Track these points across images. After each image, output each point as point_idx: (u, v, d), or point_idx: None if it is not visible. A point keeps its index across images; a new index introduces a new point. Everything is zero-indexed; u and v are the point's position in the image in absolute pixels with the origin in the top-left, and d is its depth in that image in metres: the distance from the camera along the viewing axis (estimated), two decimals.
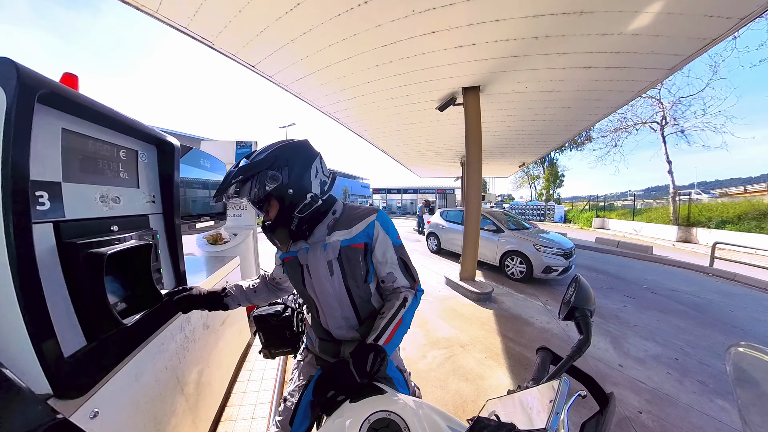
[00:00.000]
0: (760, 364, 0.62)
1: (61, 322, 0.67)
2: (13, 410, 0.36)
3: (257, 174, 0.74)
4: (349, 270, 0.81)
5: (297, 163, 0.78)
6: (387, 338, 0.72)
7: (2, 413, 0.35)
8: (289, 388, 0.92)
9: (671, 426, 1.75)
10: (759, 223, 9.29)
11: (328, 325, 0.87)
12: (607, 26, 2.68)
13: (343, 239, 0.81)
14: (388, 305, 0.80)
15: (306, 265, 0.84)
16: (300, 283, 0.86)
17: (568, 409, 0.45)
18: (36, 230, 0.62)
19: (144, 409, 0.95)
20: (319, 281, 0.82)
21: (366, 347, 0.69)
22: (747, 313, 3.72)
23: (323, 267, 0.81)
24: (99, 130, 0.85)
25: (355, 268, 0.82)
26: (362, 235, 0.82)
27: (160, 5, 2.33)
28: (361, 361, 0.66)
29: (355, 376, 0.64)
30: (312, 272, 0.83)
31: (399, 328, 0.75)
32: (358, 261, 0.82)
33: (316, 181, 0.81)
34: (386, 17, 2.57)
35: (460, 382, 2.14)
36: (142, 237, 0.94)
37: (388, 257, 0.83)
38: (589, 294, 0.67)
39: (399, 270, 0.83)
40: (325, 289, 0.82)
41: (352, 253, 0.81)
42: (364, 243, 0.82)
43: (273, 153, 0.76)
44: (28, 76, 0.59)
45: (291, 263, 0.87)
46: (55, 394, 0.63)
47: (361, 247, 0.82)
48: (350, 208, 0.88)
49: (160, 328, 1.06)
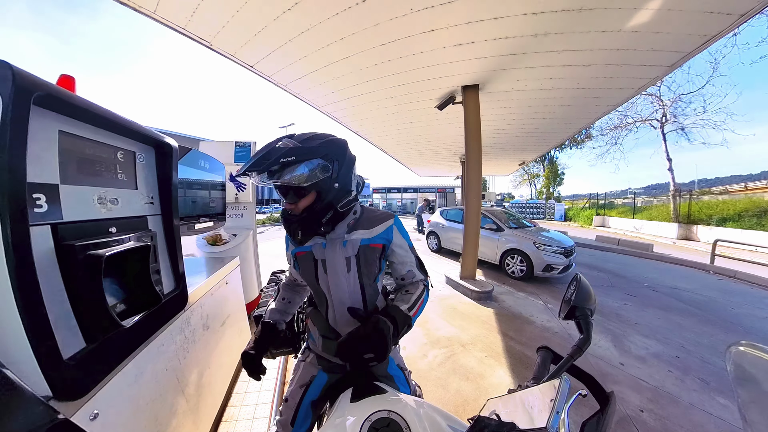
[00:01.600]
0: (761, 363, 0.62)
1: (60, 324, 0.67)
2: (13, 411, 0.36)
3: (310, 160, 0.72)
4: (365, 268, 0.85)
5: (345, 160, 0.79)
6: (414, 311, 0.80)
7: (3, 414, 0.35)
8: (289, 388, 0.92)
9: (672, 424, 1.75)
10: (760, 221, 9.28)
11: (336, 321, 0.87)
12: (607, 23, 2.67)
13: (363, 238, 0.84)
14: (411, 288, 0.87)
15: (322, 260, 0.84)
16: (313, 277, 0.86)
17: (568, 408, 0.45)
18: (34, 232, 0.62)
19: (144, 410, 0.95)
20: (336, 276, 0.83)
21: (401, 314, 0.75)
22: (748, 310, 3.71)
23: (341, 263, 0.83)
24: (96, 131, 0.85)
25: (371, 266, 0.86)
26: (381, 236, 0.87)
27: (157, 6, 2.32)
28: (396, 325, 0.71)
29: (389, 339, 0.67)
30: (329, 267, 0.83)
31: (420, 307, 0.82)
32: (374, 260, 0.86)
33: (354, 181, 0.85)
34: (384, 16, 2.56)
35: (461, 382, 2.14)
36: (140, 238, 0.93)
37: (407, 259, 0.90)
38: (590, 293, 0.67)
39: (416, 267, 0.91)
40: (340, 284, 0.83)
41: (370, 252, 0.85)
42: (382, 244, 0.87)
43: (326, 144, 0.75)
44: (23, 79, 0.58)
45: (304, 258, 0.86)
46: (55, 396, 0.63)
47: (379, 248, 0.86)
48: (369, 210, 0.92)
49: (159, 330, 1.06)
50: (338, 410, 0.70)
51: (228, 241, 2.84)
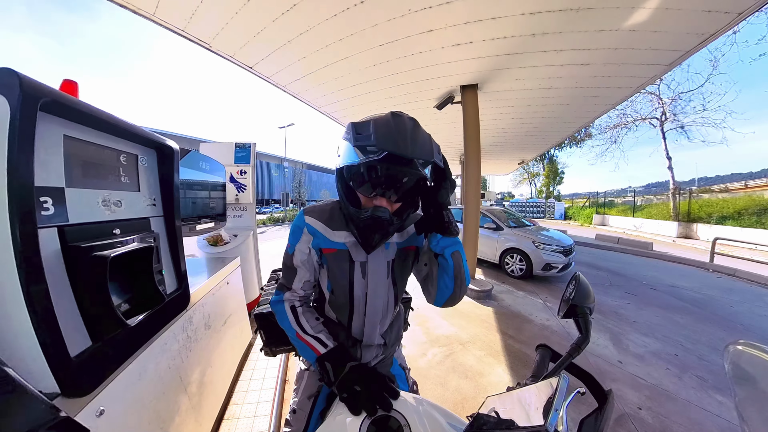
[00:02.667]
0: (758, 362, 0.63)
1: (67, 323, 0.69)
2: (15, 409, 0.36)
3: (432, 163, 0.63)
4: (399, 272, 0.79)
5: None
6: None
7: (5, 412, 0.36)
8: (295, 399, 0.88)
9: (670, 422, 1.76)
10: (759, 219, 9.28)
11: (363, 329, 0.79)
12: (605, 22, 2.68)
13: (397, 241, 0.79)
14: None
15: (361, 262, 0.75)
16: (346, 280, 0.75)
17: (567, 406, 0.45)
18: (41, 235, 0.64)
19: (148, 407, 0.97)
20: (375, 282, 0.75)
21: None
22: (747, 308, 3.73)
23: (383, 267, 0.76)
24: (99, 135, 0.86)
25: (405, 270, 0.81)
26: (412, 238, 0.80)
27: (156, 8, 2.34)
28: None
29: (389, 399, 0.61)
30: (370, 271, 0.74)
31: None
32: (408, 264, 0.81)
33: None
34: (383, 17, 2.58)
35: (460, 380, 2.15)
36: (143, 239, 0.95)
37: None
38: (589, 291, 0.68)
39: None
40: (378, 292, 0.76)
41: (405, 255, 0.80)
42: (415, 246, 0.81)
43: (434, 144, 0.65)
44: (30, 86, 0.60)
45: (337, 257, 0.75)
46: (63, 393, 0.65)
47: (413, 250, 0.81)
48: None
49: (163, 329, 1.07)
50: (338, 408, 0.71)
51: (229, 242, 2.85)
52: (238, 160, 3.14)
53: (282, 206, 25.41)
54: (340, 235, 0.75)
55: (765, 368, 0.62)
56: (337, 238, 0.75)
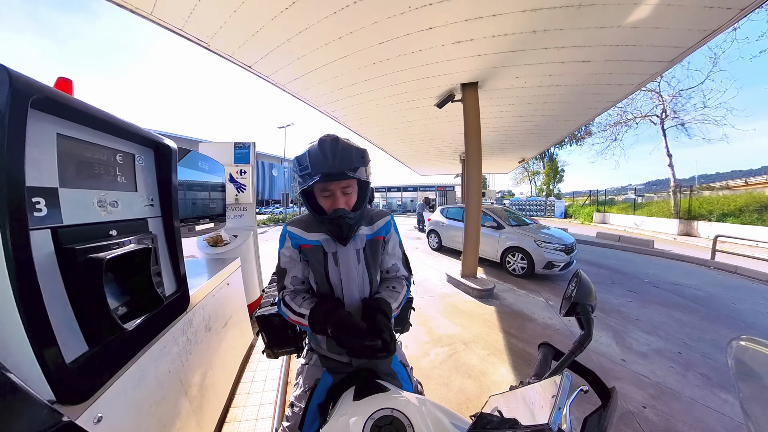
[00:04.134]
0: (762, 358, 0.62)
1: (62, 328, 0.67)
2: (18, 414, 0.36)
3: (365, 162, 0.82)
4: (371, 259, 0.92)
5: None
6: (397, 310, 0.90)
7: (8, 417, 0.35)
8: (294, 393, 0.91)
9: (675, 420, 1.75)
10: (760, 216, 9.27)
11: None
12: (605, 19, 2.66)
13: (367, 234, 0.93)
14: (398, 286, 0.96)
15: (333, 252, 0.89)
16: (322, 269, 0.89)
17: (570, 404, 0.45)
18: (34, 237, 0.62)
19: (148, 412, 0.95)
20: (347, 268, 0.88)
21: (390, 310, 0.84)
22: (749, 305, 3.72)
23: (353, 254, 0.89)
24: (95, 134, 0.84)
25: (376, 257, 0.94)
26: (382, 230, 0.96)
27: (154, 7, 2.31)
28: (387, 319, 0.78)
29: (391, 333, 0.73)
30: (341, 259, 0.88)
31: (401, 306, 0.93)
32: (378, 251, 0.95)
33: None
34: (382, 14, 2.55)
35: (463, 379, 2.14)
36: (141, 241, 0.93)
37: (395, 251, 1.01)
38: (590, 289, 0.68)
39: (401, 263, 1.02)
40: (351, 275, 0.88)
41: (375, 244, 0.94)
42: (383, 236, 0.96)
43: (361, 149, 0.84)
44: (20, 82, 0.58)
45: (312, 251, 0.90)
46: (58, 400, 0.63)
47: (381, 239, 0.96)
48: (367, 209, 0.97)
49: (162, 332, 1.06)
50: (341, 409, 0.71)
51: (229, 243, 2.84)
52: (238, 159, 3.12)
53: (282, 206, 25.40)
54: (315, 235, 0.90)
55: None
56: (312, 237, 0.90)
